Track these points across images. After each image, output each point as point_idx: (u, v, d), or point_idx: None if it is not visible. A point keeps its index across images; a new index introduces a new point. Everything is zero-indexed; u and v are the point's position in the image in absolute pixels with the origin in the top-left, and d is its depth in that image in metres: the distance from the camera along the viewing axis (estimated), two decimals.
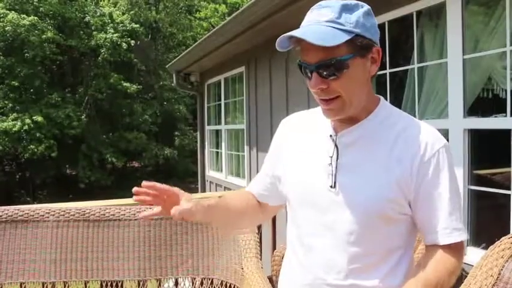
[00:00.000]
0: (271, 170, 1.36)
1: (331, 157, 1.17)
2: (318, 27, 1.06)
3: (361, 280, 1.14)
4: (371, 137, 1.16)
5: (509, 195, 2.44)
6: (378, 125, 1.17)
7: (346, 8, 1.07)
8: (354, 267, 1.14)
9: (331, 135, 1.19)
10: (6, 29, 15.58)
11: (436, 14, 2.99)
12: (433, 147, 1.13)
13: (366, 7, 1.11)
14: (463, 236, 1.15)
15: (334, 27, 1.05)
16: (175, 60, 8.26)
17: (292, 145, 1.29)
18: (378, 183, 1.12)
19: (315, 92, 1.12)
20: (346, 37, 1.04)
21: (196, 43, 6.81)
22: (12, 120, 15.66)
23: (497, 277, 1.39)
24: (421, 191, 1.13)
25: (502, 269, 1.39)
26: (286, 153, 1.30)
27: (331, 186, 1.16)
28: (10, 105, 16.26)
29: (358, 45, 1.07)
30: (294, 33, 1.06)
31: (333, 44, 1.03)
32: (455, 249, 1.15)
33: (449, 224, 1.13)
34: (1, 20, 15.72)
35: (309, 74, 1.10)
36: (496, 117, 2.71)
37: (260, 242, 2.31)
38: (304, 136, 1.27)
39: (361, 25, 1.07)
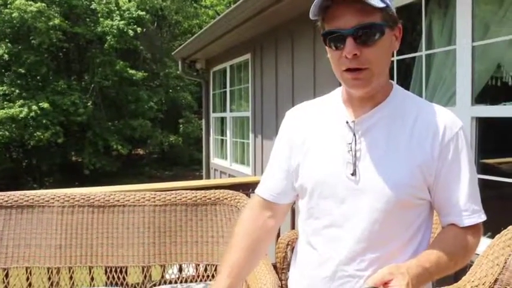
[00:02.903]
0: (286, 164, 1.27)
1: (350, 144, 1.14)
2: None
3: None
4: (389, 122, 1.14)
5: None
6: (394, 109, 1.15)
7: None
8: (376, 256, 1.13)
9: (347, 122, 1.15)
10: (13, 15, 15.59)
11: (445, 1, 2.94)
12: (451, 129, 1.13)
13: None
14: (482, 217, 1.16)
15: None
16: (180, 47, 8.22)
17: (306, 135, 1.23)
18: (400, 169, 1.11)
19: (345, 60, 1.07)
20: (382, 4, 1.03)
21: (202, 30, 6.76)
22: (19, 106, 15.74)
23: (503, 266, 1.38)
24: (442, 174, 1.13)
25: (508, 258, 1.38)
26: (300, 145, 1.24)
27: (351, 174, 1.13)
28: (17, 91, 16.33)
29: (390, 15, 1.07)
30: None
31: (379, 5, 1.02)
32: (473, 229, 1.15)
33: (469, 206, 1.14)
34: (8, 6, 15.71)
35: (340, 42, 1.06)
36: (504, 105, 2.68)
37: None
38: (317, 125, 1.23)
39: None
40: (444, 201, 1.15)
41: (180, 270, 2.28)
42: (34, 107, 15.73)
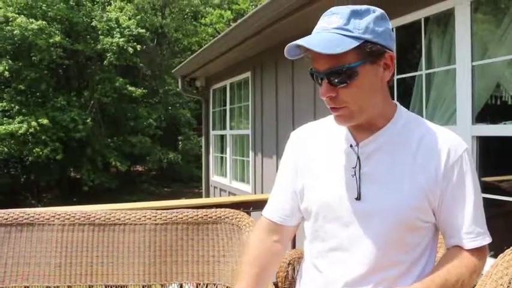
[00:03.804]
0: (291, 185, 1.28)
1: (354, 168, 1.14)
2: (325, 34, 1.04)
3: None
4: (393, 145, 1.14)
5: None
6: (398, 132, 1.15)
7: (356, 14, 1.04)
8: (382, 278, 1.12)
9: (351, 145, 1.16)
10: (15, 32, 15.69)
11: (444, 21, 2.97)
12: (456, 152, 1.12)
13: (379, 12, 1.08)
14: (486, 239, 1.15)
15: (341, 34, 1.02)
16: (181, 65, 8.28)
17: (312, 158, 1.24)
18: (404, 192, 1.10)
19: (324, 99, 1.10)
20: (354, 44, 1.01)
21: (202, 48, 6.82)
22: (18, 123, 15.73)
23: (508, 286, 1.36)
24: (446, 197, 1.12)
25: None
26: (305, 167, 1.25)
27: (356, 198, 1.13)
28: (16, 108, 16.35)
29: (367, 51, 1.04)
30: (300, 41, 1.03)
31: (338, 51, 1.00)
32: (478, 251, 1.15)
33: (473, 228, 1.13)
34: (10, 23, 15.83)
35: (320, 82, 1.08)
36: (505, 124, 2.69)
37: None
38: (322, 147, 1.23)
39: (371, 31, 1.04)
40: (448, 223, 1.15)
41: None
42: (33, 123, 15.72)
